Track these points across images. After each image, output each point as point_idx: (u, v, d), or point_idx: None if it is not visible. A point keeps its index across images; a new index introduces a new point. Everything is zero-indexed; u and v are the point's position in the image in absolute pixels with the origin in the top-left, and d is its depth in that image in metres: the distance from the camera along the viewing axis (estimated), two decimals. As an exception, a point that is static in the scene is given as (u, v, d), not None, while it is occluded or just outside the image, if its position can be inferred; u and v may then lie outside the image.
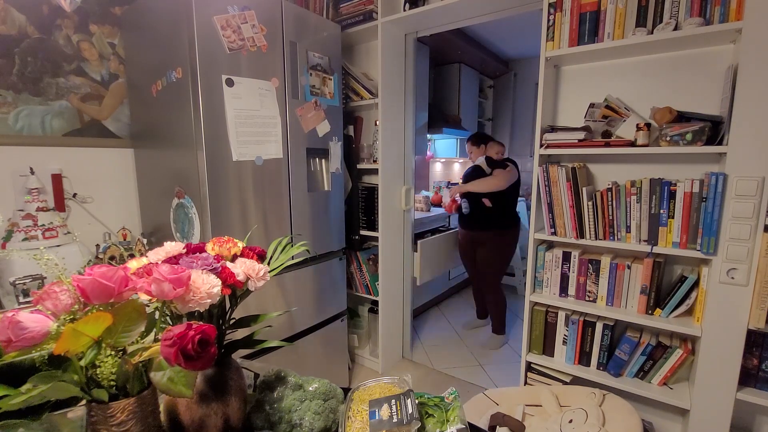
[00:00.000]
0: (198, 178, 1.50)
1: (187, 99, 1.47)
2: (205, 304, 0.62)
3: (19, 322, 0.49)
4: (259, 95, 1.64)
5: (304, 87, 1.84)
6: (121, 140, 1.86)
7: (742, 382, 1.45)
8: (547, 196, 1.73)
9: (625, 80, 1.72)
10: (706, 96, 1.57)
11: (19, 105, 1.56)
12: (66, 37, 1.66)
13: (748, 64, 1.31)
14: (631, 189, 1.58)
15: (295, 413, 0.74)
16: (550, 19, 1.68)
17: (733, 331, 1.42)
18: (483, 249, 2.84)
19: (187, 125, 1.49)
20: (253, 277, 0.73)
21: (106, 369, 0.53)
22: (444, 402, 0.78)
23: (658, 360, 1.63)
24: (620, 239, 1.64)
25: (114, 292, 0.54)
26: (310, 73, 1.87)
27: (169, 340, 0.51)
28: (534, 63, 4.36)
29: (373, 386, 0.80)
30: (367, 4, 2.21)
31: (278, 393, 0.77)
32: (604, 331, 1.71)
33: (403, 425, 0.68)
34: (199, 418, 0.67)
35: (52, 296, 0.54)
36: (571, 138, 1.69)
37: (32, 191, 1.53)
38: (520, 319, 3.32)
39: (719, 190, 1.39)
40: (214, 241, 0.77)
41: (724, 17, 1.37)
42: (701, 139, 1.43)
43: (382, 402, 0.74)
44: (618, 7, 1.55)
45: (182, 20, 1.43)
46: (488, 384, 2.44)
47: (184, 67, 1.46)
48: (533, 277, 1.87)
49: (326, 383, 0.80)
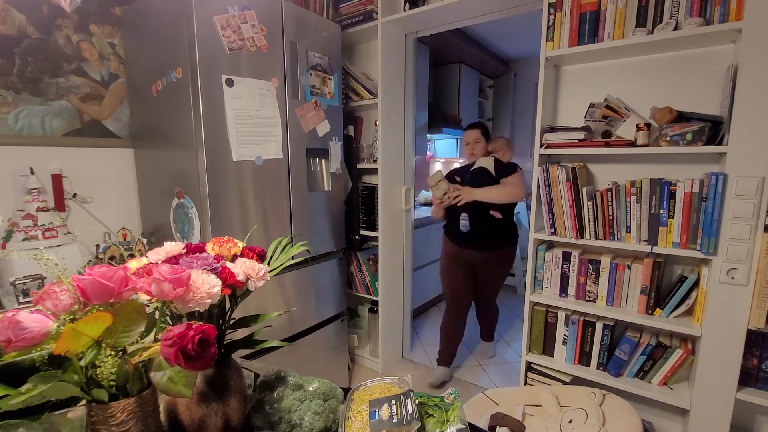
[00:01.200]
0: (198, 178, 1.50)
1: (187, 99, 1.47)
2: (205, 304, 0.61)
3: (19, 322, 0.49)
4: (259, 95, 1.64)
5: (304, 87, 1.84)
6: (121, 140, 1.86)
7: (742, 382, 1.45)
8: (547, 196, 1.73)
9: (625, 80, 1.72)
10: (706, 96, 1.57)
11: (19, 105, 1.56)
12: (66, 37, 1.66)
13: (748, 64, 1.31)
14: (631, 189, 1.58)
15: (295, 413, 0.74)
16: (550, 19, 1.68)
17: (733, 331, 1.42)
18: (485, 269, 2.34)
19: (187, 125, 1.49)
20: (253, 277, 0.73)
21: (106, 369, 0.53)
22: (444, 402, 0.78)
23: (658, 360, 1.63)
24: (620, 239, 1.64)
25: (114, 292, 0.54)
26: (310, 73, 1.87)
27: (169, 340, 0.51)
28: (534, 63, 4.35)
29: (373, 386, 0.81)
30: (367, 4, 2.21)
31: (278, 393, 0.77)
32: (604, 331, 1.71)
33: (403, 425, 0.68)
34: (199, 418, 0.67)
35: (52, 296, 0.54)
36: (571, 138, 1.69)
37: (32, 191, 1.53)
38: (520, 319, 3.32)
39: (719, 190, 1.38)
40: (214, 241, 0.77)
41: (724, 17, 1.37)
42: (701, 139, 1.43)
43: (382, 402, 0.74)
44: (618, 7, 1.55)
45: (182, 20, 1.43)
46: (488, 384, 2.44)
47: (184, 67, 1.46)
48: (533, 277, 1.87)
49: (326, 383, 0.80)
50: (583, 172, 1.72)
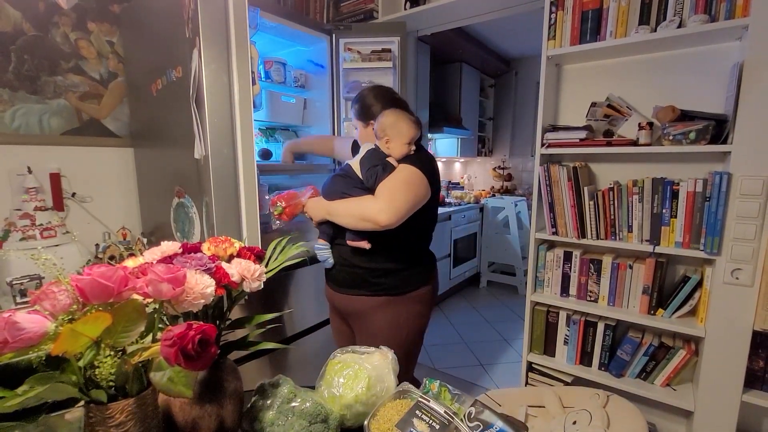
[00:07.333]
0: (198, 178, 1.49)
1: (186, 98, 1.46)
2: (199, 305, 0.61)
3: (16, 322, 0.48)
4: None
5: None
6: (120, 139, 1.84)
7: (748, 384, 1.44)
8: (548, 195, 1.72)
9: (627, 79, 1.71)
10: (711, 94, 1.55)
11: (15, 103, 1.55)
12: (63, 35, 1.65)
13: (754, 61, 1.29)
14: (633, 188, 1.57)
15: (277, 428, 0.70)
16: (551, 17, 1.67)
17: (738, 333, 1.41)
18: (362, 329, 1.37)
19: (187, 124, 1.48)
20: (248, 278, 0.72)
21: (104, 369, 0.53)
22: (433, 393, 0.78)
23: (661, 361, 1.62)
24: (622, 239, 1.63)
25: (113, 292, 0.54)
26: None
27: (169, 340, 0.50)
28: (535, 62, 4.35)
29: (387, 408, 0.74)
30: (367, 3, 2.20)
31: (268, 402, 0.74)
32: (606, 331, 1.70)
33: (447, 428, 0.67)
34: (193, 420, 0.67)
35: (50, 296, 0.53)
36: (572, 137, 1.68)
37: (29, 190, 1.52)
38: (521, 319, 3.31)
39: (723, 189, 1.37)
40: (210, 240, 0.76)
41: (730, 13, 1.35)
42: (705, 138, 1.42)
43: (409, 419, 0.69)
44: (620, 5, 1.54)
45: (181, 18, 1.42)
46: (489, 384, 2.43)
47: (184, 66, 1.45)
48: (534, 277, 1.86)
49: (318, 404, 0.72)
50: (585, 171, 1.71)
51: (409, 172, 1.19)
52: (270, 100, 1.91)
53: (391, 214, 1.12)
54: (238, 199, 1.45)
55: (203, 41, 1.30)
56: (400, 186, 1.17)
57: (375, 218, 1.12)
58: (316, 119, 2.14)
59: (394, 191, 1.15)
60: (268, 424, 0.70)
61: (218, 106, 1.37)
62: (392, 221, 1.12)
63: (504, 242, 4.05)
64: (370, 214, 1.14)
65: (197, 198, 1.47)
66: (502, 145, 4.95)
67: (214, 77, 1.34)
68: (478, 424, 0.70)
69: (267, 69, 1.94)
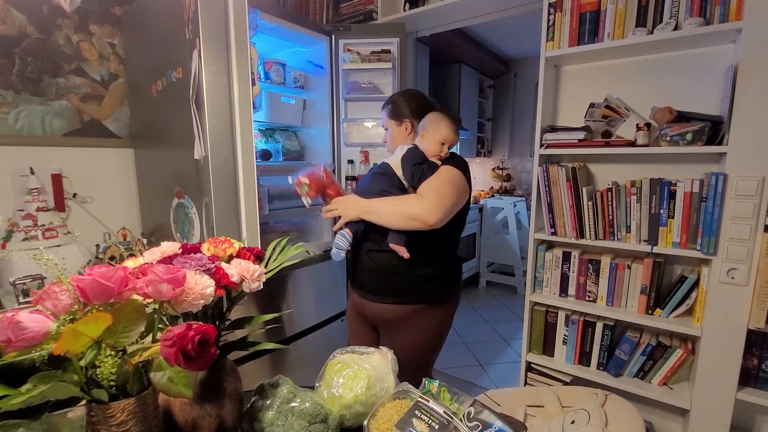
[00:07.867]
0: (198, 179, 1.50)
1: (186, 99, 1.47)
2: (198, 305, 0.61)
3: (18, 322, 0.49)
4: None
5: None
6: (121, 140, 1.85)
7: (742, 382, 1.45)
8: (547, 196, 1.73)
9: (625, 80, 1.72)
10: (706, 96, 1.56)
11: (19, 105, 1.56)
12: (66, 37, 1.66)
13: (748, 64, 1.31)
14: (631, 189, 1.57)
15: (277, 428, 0.70)
16: (550, 18, 1.68)
17: (733, 331, 1.42)
18: (393, 336, 1.32)
19: (187, 125, 1.49)
20: (247, 278, 0.72)
21: (105, 369, 0.53)
22: (432, 393, 0.78)
23: (658, 360, 1.63)
24: (620, 239, 1.64)
25: (114, 293, 0.54)
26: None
27: (169, 341, 0.51)
28: (534, 63, 4.36)
29: (386, 408, 0.75)
30: (367, 4, 2.21)
31: (267, 402, 0.74)
32: (604, 331, 1.71)
33: (447, 428, 0.67)
34: (193, 420, 0.67)
35: (52, 296, 0.53)
36: (571, 138, 1.69)
37: (32, 191, 1.53)
38: (520, 319, 3.32)
39: (719, 190, 1.38)
40: (210, 241, 0.77)
41: (724, 17, 1.37)
42: (701, 139, 1.43)
43: (409, 419, 0.70)
44: (618, 7, 1.54)
45: (182, 20, 1.43)
46: (488, 384, 2.44)
47: (184, 67, 1.46)
48: (533, 277, 1.86)
49: (318, 405, 0.72)
50: (583, 172, 1.72)
51: (453, 173, 1.20)
52: (270, 100, 1.92)
53: (440, 213, 1.11)
54: (238, 200, 1.46)
55: (203, 42, 1.31)
56: (447, 186, 1.17)
57: (425, 217, 1.11)
58: (315, 120, 2.15)
59: (442, 191, 1.15)
60: (268, 424, 0.71)
61: (218, 107, 1.38)
62: (441, 220, 1.12)
63: (503, 242, 4.05)
64: (419, 213, 1.12)
65: (197, 198, 1.48)
66: (501, 145, 4.96)
67: (214, 78, 1.35)
68: (477, 423, 0.71)
69: (267, 70, 1.95)
